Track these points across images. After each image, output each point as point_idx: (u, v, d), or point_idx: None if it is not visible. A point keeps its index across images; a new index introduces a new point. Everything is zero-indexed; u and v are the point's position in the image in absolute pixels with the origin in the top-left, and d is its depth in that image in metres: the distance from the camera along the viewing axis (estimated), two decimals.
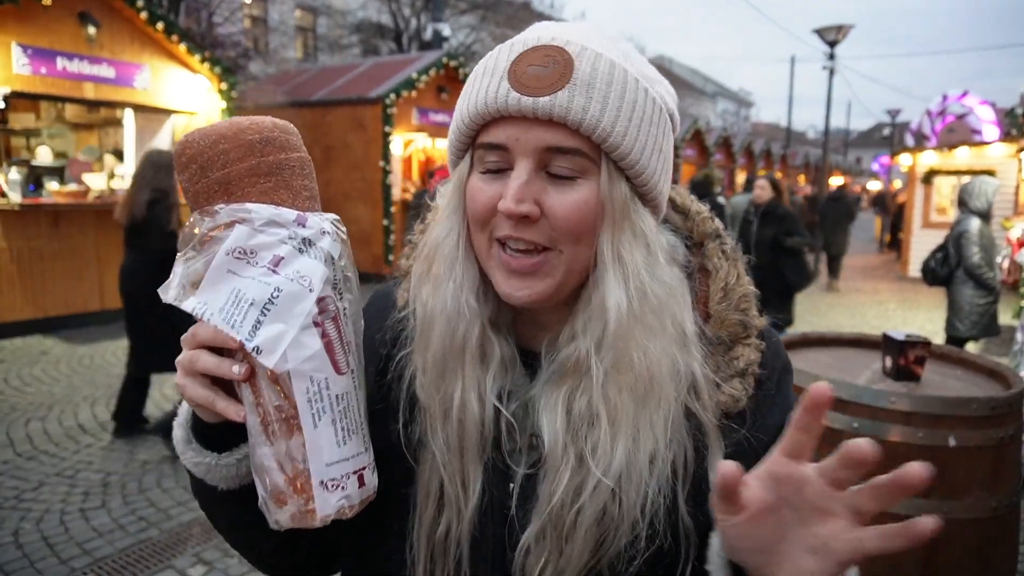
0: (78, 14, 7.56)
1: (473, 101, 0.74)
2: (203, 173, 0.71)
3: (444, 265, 0.80)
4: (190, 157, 0.72)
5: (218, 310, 0.66)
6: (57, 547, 3.43)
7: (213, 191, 0.71)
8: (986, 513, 2.24)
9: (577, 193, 0.73)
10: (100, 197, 8.15)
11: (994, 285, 5.23)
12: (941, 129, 17.24)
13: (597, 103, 0.71)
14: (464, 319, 0.78)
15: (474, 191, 0.77)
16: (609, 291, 0.74)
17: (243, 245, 0.68)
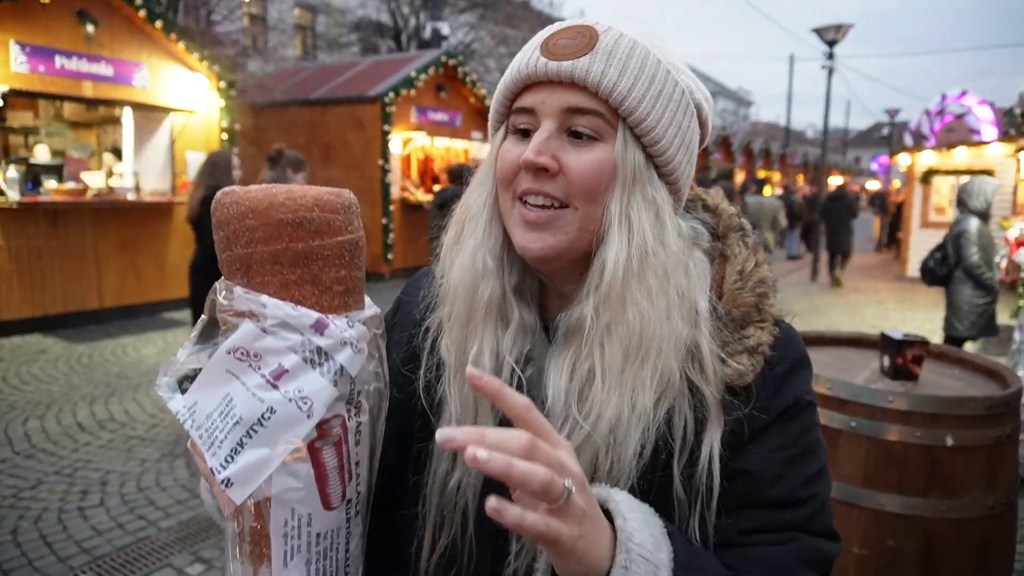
0: (76, 12, 7.55)
1: (511, 72, 0.81)
2: (228, 244, 0.65)
3: (471, 227, 0.86)
4: (220, 221, 0.65)
5: (204, 418, 0.60)
6: (55, 546, 3.43)
7: (235, 267, 0.64)
8: (983, 512, 2.24)
9: (593, 153, 0.77)
10: (98, 195, 8.14)
11: (993, 285, 5.24)
12: (940, 129, 17.25)
13: (615, 69, 0.76)
14: (485, 279, 0.83)
15: (503, 153, 0.82)
16: (610, 247, 0.78)
17: (247, 346, 0.61)
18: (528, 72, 0.79)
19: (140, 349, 7.15)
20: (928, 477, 2.23)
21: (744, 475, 0.78)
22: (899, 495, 2.24)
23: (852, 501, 2.30)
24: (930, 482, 2.23)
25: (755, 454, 0.78)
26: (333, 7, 22.41)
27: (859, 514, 2.29)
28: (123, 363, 6.63)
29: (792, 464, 0.79)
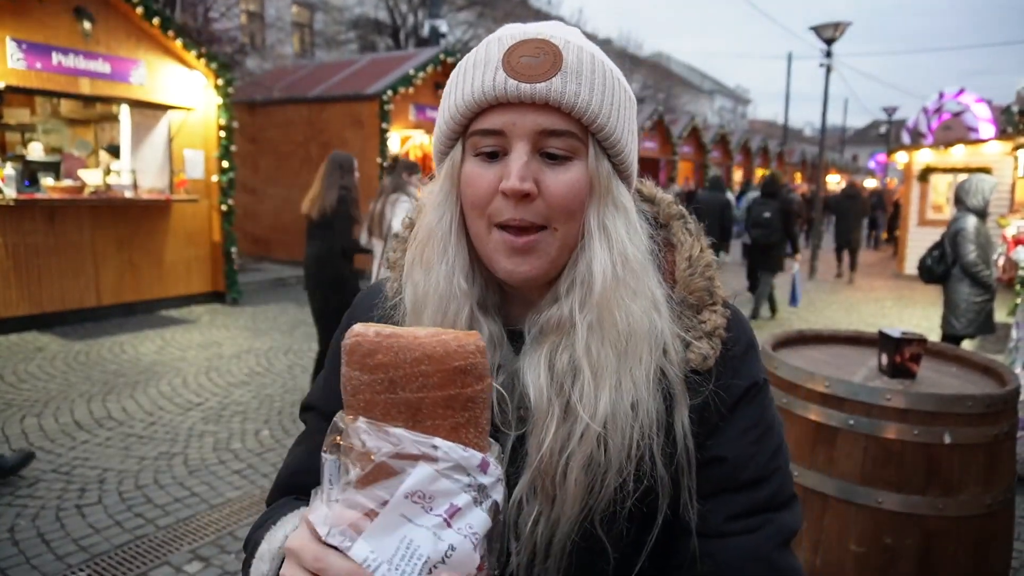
0: (73, 9, 7.52)
1: (469, 91, 0.79)
2: (391, 388, 0.64)
3: (437, 249, 0.84)
4: (380, 364, 0.65)
5: (387, 561, 0.60)
6: (53, 543, 3.42)
7: (396, 410, 0.64)
8: (981, 510, 2.25)
9: (570, 173, 0.79)
10: (96, 193, 8.12)
11: (990, 283, 5.25)
12: (937, 127, 17.25)
13: (586, 88, 0.78)
14: (455, 299, 0.83)
15: (472, 176, 0.81)
16: (595, 257, 0.81)
17: (424, 489, 0.61)
18: (496, 93, 0.77)
19: (138, 347, 7.14)
20: (926, 475, 2.23)
21: (720, 461, 0.83)
22: (897, 493, 2.25)
23: (850, 499, 2.30)
24: (928, 480, 2.23)
25: (727, 438, 0.83)
26: (331, 5, 22.37)
27: (857, 512, 2.29)
28: (121, 361, 6.62)
29: (759, 443, 0.85)
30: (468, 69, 0.81)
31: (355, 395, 0.65)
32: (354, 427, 0.63)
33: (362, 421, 0.63)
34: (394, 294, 0.91)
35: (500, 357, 0.86)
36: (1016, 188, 12.01)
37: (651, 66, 36.64)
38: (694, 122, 24.13)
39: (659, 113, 21.68)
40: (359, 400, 0.65)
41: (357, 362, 0.65)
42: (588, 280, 0.81)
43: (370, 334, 0.66)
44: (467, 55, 0.84)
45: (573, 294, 0.82)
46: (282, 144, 12.64)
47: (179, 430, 4.92)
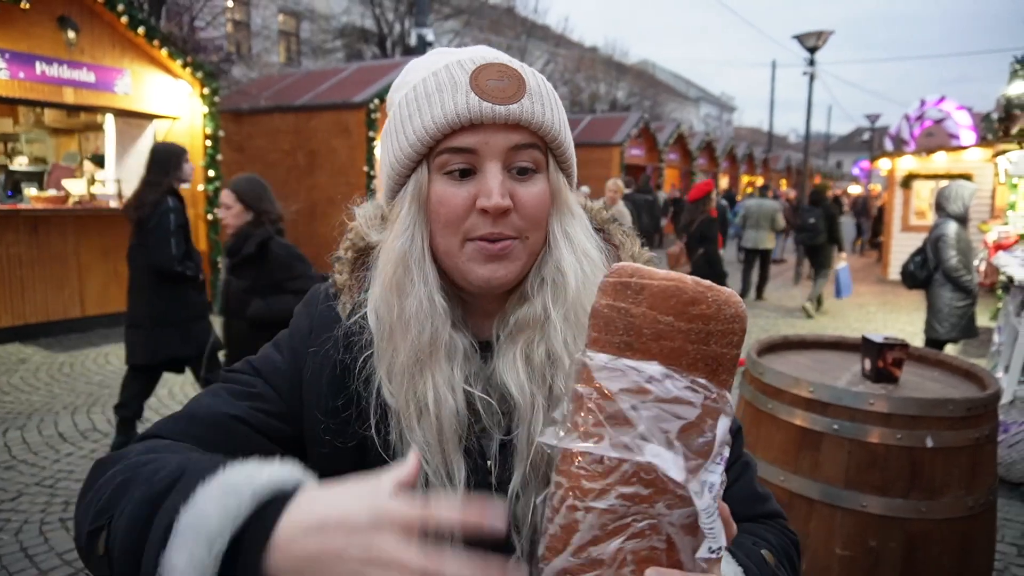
0: (57, 18, 7.48)
1: (440, 113, 0.81)
2: (705, 339, 0.64)
3: (414, 270, 0.85)
4: (701, 314, 0.64)
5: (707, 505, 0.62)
6: (36, 558, 3.38)
7: (702, 363, 0.64)
8: (964, 512, 2.28)
9: (537, 185, 0.85)
10: (80, 203, 8.06)
11: (972, 288, 5.32)
12: (919, 134, 17.49)
13: (548, 108, 0.85)
14: (439, 318, 0.85)
15: (445, 196, 0.83)
16: (563, 259, 0.87)
17: (726, 440, 0.63)
18: (471, 115, 0.80)
19: (122, 358, 7.07)
20: (909, 478, 2.26)
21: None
22: (881, 496, 2.27)
23: (835, 503, 2.33)
24: (911, 483, 2.26)
25: None
26: (317, 13, 22.38)
27: (842, 515, 2.32)
28: (105, 372, 6.56)
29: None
30: (431, 93, 0.83)
31: (658, 340, 0.63)
32: (657, 371, 0.62)
33: (652, 366, 0.63)
34: (349, 315, 0.92)
35: (474, 366, 0.89)
36: (996, 194, 12.18)
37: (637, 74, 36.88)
38: (680, 129, 24.30)
39: (645, 120, 21.83)
40: (663, 346, 0.63)
41: (674, 308, 0.63)
42: (560, 280, 0.86)
43: (690, 282, 0.64)
44: (419, 79, 0.85)
45: (544, 292, 0.87)
46: (269, 153, 12.60)
47: None
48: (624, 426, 0.61)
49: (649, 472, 0.61)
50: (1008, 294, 5.94)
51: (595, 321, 0.67)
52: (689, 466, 0.61)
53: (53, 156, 9.64)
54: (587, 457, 0.62)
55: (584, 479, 0.62)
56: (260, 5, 20.98)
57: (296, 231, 12.46)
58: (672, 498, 0.61)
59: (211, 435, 0.84)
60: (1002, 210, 10.87)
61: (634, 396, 0.62)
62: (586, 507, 0.61)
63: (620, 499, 0.61)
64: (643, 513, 0.61)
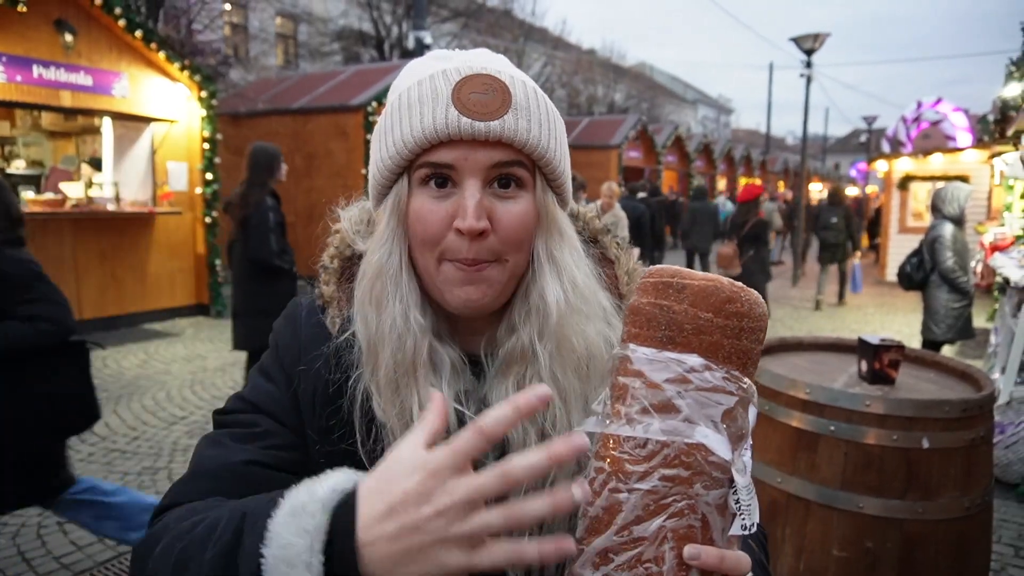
0: (54, 21, 7.48)
1: (418, 127, 0.78)
2: (738, 335, 0.69)
3: (389, 287, 0.83)
4: (737, 312, 0.69)
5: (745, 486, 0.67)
6: (34, 562, 3.38)
7: (736, 357, 0.69)
8: (960, 513, 2.28)
9: (519, 205, 0.81)
10: (77, 206, 8.05)
11: (968, 289, 5.33)
12: (916, 135, 17.54)
13: (535, 124, 0.80)
14: (413, 334, 0.82)
15: (422, 212, 0.80)
16: (547, 287, 0.83)
17: (751, 430, 0.69)
18: (449, 131, 0.77)
19: (120, 361, 7.07)
20: (905, 479, 2.27)
21: None
22: (877, 497, 2.28)
23: (831, 504, 2.33)
24: (907, 484, 2.27)
25: None
26: (315, 16, 22.41)
27: (838, 517, 2.32)
28: (103, 375, 6.55)
29: None
30: (412, 104, 0.79)
31: (698, 334, 0.68)
32: (697, 362, 0.67)
33: (692, 358, 0.67)
34: (339, 329, 0.89)
35: (465, 383, 0.86)
36: (993, 196, 12.21)
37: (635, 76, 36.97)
38: (678, 131, 24.35)
39: (643, 123, 21.87)
40: (702, 340, 0.68)
41: (714, 305, 0.68)
42: (543, 309, 0.83)
43: (726, 282, 0.70)
44: (404, 88, 0.82)
45: (530, 324, 0.84)
46: None
47: (163, 444, 4.88)
48: (670, 412, 0.66)
49: (689, 455, 0.65)
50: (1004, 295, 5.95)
51: (635, 317, 0.71)
52: (732, 447, 0.67)
53: (50, 159, 9.64)
54: (631, 442, 0.66)
55: (627, 463, 0.66)
56: (257, 8, 21.00)
57: (294, 234, 12.43)
58: (708, 479, 0.66)
59: (231, 487, 0.79)
60: (998, 211, 10.90)
61: (678, 385, 0.66)
62: (630, 488, 0.65)
63: (662, 480, 0.65)
64: (682, 494, 0.65)
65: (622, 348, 0.71)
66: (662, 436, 0.65)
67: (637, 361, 0.68)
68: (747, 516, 0.66)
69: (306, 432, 0.87)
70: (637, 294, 0.72)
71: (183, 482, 0.83)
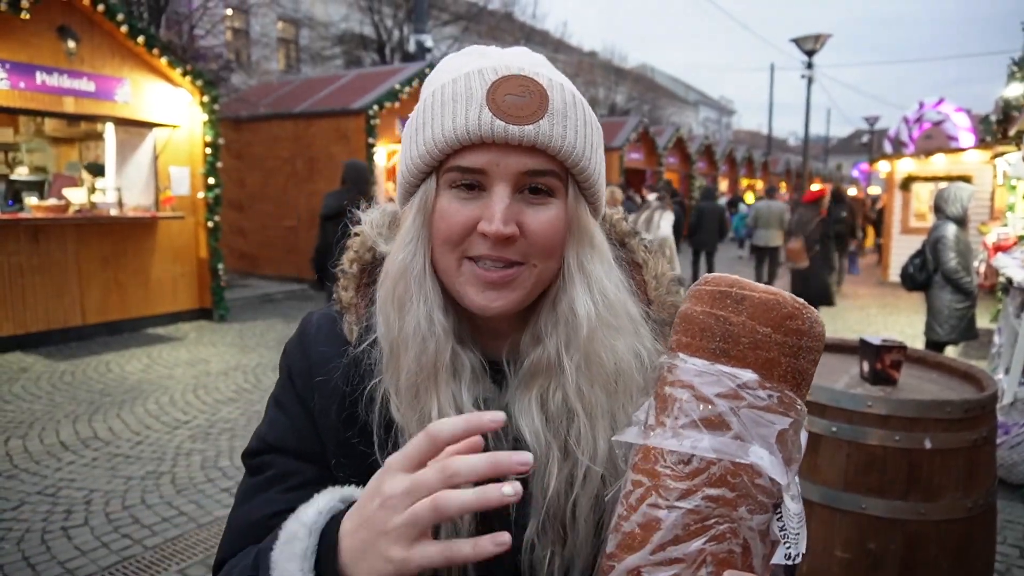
0: (57, 28, 7.51)
1: (450, 127, 0.75)
2: (796, 354, 0.65)
3: (413, 288, 0.80)
4: (798, 330, 0.65)
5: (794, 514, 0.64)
6: (39, 567, 3.39)
7: (791, 376, 0.65)
8: (963, 513, 2.28)
9: (550, 212, 0.78)
10: (81, 211, 8.08)
11: (971, 289, 5.32)
12: (918, 136, 17.51)
13: (571, 131, 0.77)
14: (436, 337, 0.80)
15: (447, 212, 0.78)
16: (577, 299, 0.80)
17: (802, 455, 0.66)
18: (481, 133, 0.74)
19: (124, 365, 7.09)
20: (908, 480, 2.26)
21: None
22: (880, 498, 2.27)
23: (834, 505, 2.33)
24: (910, 485, 2.26)
25: None
26: (316, 20, 22.46)
27: (841, 518, 2.32)
28: (106, 380, 6.57)
29: None
30: (446, 102, 0.76)
31: (755, 349, 0.64)
32: (752, 378, 0.63)
33: (744, 373, 0.64)
34: (358, 337, 0.86)
35: (485, 390, 0.84)
36: (996, 196, 12.19)
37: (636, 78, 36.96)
38: (679, 133, 24.34)
39: (644, 124, 21.87)
40: (758, 355, 0.64)
41: (774, 320, 0.65)
42: (572, 322, 0.80)
43: (788, 297, 0.66)
44: (438, 84, 0.80)
45: (557, 335, 0.81)
46: (268, 160, 12.64)
47: (166, 449, 4.89)
48: (720, 429, 0.62)
49: (736, 476, 0.61)
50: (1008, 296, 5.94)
51: (687, 326, 0.67)
52: (787, 470, 0.63)
53: (53, 165, 9.66)
54: (674, 456, 0.63)
55: (669, 479, 0.62)
56: (259, 13, 21.04)
57: (296, 237, 12.52)
58: (753, 503, 0.62)
59: (260, 539, 0.80)
60: (1001, 212, 10.87)
61: (729, 400, 0.63)
62: (670, 506, 0.62)
63: (706, 500, 0.61)
64: (725, 516, 0.61)
65: (670, 356, 0.67)
66: (711, 454, 0.61)
67: (686, 372, 0.65)
68: (794, 545, 0.62)
69: (327, 450, 0.86)
70: (690, 301, 0.68)
71: (225, 541, 0.87)
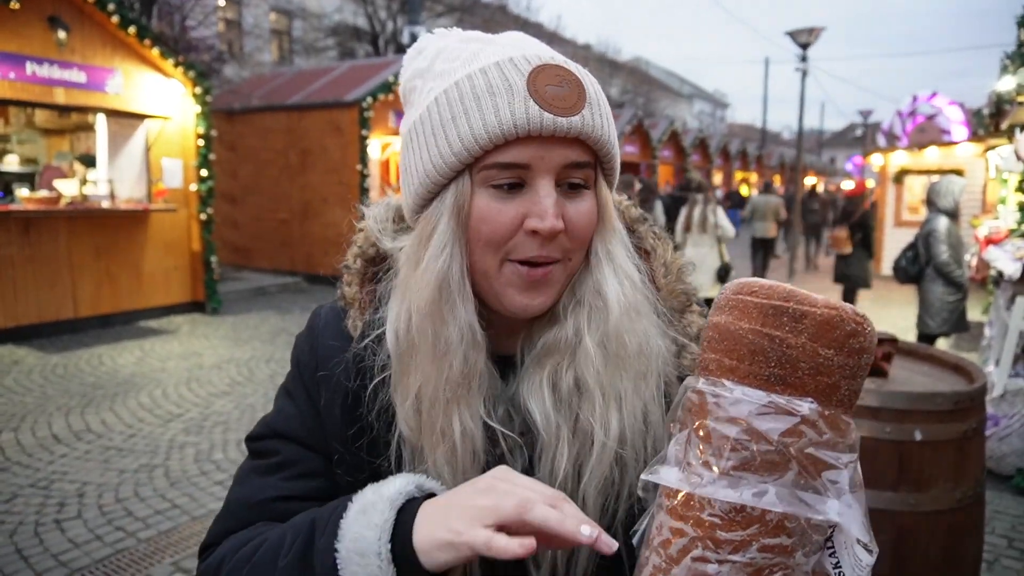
0: (47, 18, 7.44)
1: (494, 121, 0.71)
2: (855, 375, 0.58)
3: (454, 296, 0.76)
4: (860, 348, 0.57)
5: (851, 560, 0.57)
6: (31, 559, 3.38)
7: (849, 399, 0.58)
8: (952, 504, 2.30)
9: (587, 203, 0.78)
10: (72, 203, 8.03)
11: (962, 282, 5.36)
12: (911, 129, 17.56)
13: (605, 120, 0.76)
14: (478, 348, 0.78)
15: (489, 213, 0.74)
16: (605, 282, 0.80)
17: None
18: (530, 127, 0.70)
19: (116, 358, 7.07)
20: (898, 471, 2.28)
21: None
22: (870, 490, 2.29)
23: None
24: (900, 476, 2.28)
25: None
26: (309, 11, 22.30)
27: None
28: (99, 373, 6.55)
29: None
30: (481, 95, 0.72)
31: (815, 375, 0.56)
32: (813, 408, 0.56)
33: (807, 405, 0.56)
34: (361, 334, 0.84)
35: (491, 388, 0.82)
36: (988, 189, 12.24)
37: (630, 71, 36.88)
38: (673, 126, 24.33)
39: (639, 117, 21.84)
40: (819, 382, 0.56)
41: (837, 340, 0.56)
42: (599, 304, 0.79)
43: (848, 311, 0.57)
44: (463, 76, 0.74)
45: (579, 314, 0.80)
46: (261, 152, 12.58)
47: (159, 442, 4.88)
48: (780, 472, 0.54)
49: (793, 520, 0.54)
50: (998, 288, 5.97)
51: (732, 345, 0.59)
52: (865, 527, 0.57)
53: (44, 157, 9.59)
54: (724, 504, 0.55)
55: (720, 529, 0.55)
56: (252, 4, 20.91)
57: (289, 230, 12.49)
58: (809, 546, 0.56)
59: (262, 520, 0.82)
60: (993, 205, 10.92)
61: (790, 438, 0.54)
62: (720, 560, 0.55)
63: (762, 551, 0.54)
64: (782, 565, 0.55)
65: (710, 382, 0.59)
66: (778, 507, 0.53)
67: (736, 403, 0.56)
68: None
69: (330, 444, 0.85)
70: (731, 314, 0.60)
71: (221, 519, 0.86)
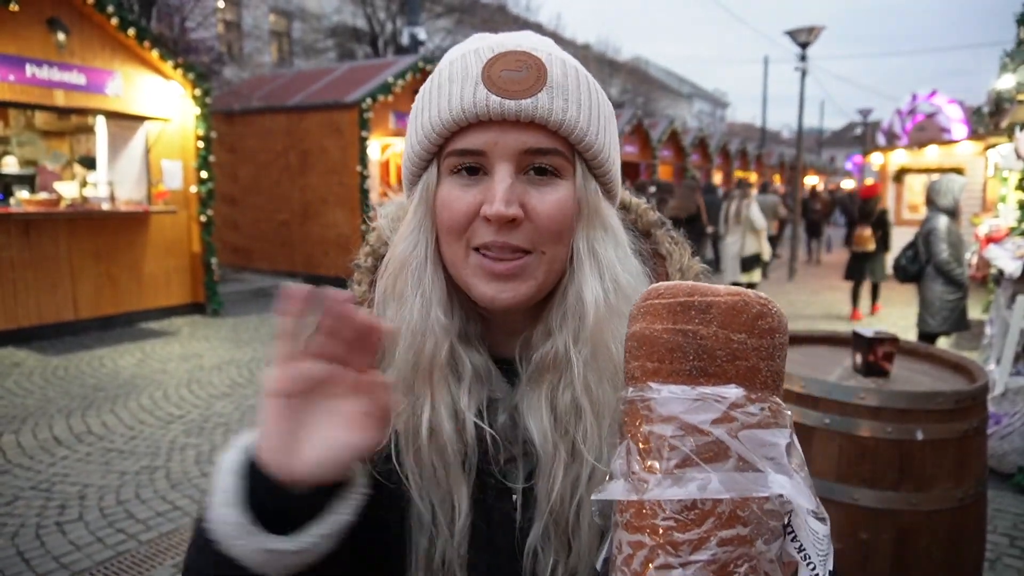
0: (47, 20, 7.45)
1: (446, 108, 0.72)
2: (770, 355, 0.58)
3: (411, 280, 0.77)
4: (769, 329, 0.58)
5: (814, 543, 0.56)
6: (33, 562, 3.38)
7: (771, 379, 0.58)
8: (954, 504, 2.30)
9: (557, 192, 0.74)
10: (72, 205, 8.03)
11: (963, 281, 5.35)
12: (911, 128, 17.56)
13: (573, 104, 0.72)
14: (433, 335, 0.76)
15: (449, 199, 0.74)
16: (586, 285, 0.76)
17: None
18: (476, 111, 0.70)
19: (117, 360, 7.07)
20: (899, 471, 2.28)
21: None
22: (872, 489, 2.29)
23: (826, 496, 2.34)
24: (901, 476, 2.28)
25: None
26: (309, 13, 22.31)
27: (833, 509, 2.33)
28: (100, 375, 6.55)
29: None
30: (443, 84, 0.74)
31: (733, 361, 0.56)
32: (738, 393, 0.55)
33: (730, 390, 0.56)
34: None
35: (495, 391, 0.80)
36: (988, 187, 12.23)
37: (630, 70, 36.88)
38: (673, 126, 24.31)
39: (638, 117, 21.82)
40: (738, 367, 0.56)
41: (746, 324, 0.57)
42: (579, 311, 0.76)
43: (751, 295, 0.58)
44: (438, 68, 0.77)
45: (566, 328, 0.76)
46: (261, 153, 12.58)
47: (160, 444, 4.88)
48: (721, 460, 0.54)
49: (745, 508, 0.54)
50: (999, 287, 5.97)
51: (650, 349, 0.58)
52: (810, 493, 0.56)
53: (44, 159, 9.59)
54: (675, 504, 0.54)
55: (675, 531, 0.54)
56: (251, 5, 20.91)
57: (289, 231, 12.49)
58: (767, 532, 0.55)
59: None
60: (993, 203, 10.92)
61: (723, 425, 0.54)
62: (683, 562, 0.53)
63: (721, 546, 0.53)
64: (744, 555, 0.54)
65: (638, 389, 0.58)
66: (725, 494, 0.53)
67: (665, 403, 0.56)
68: (821, 566, 0.55)
69: None
70: (644, 320, 0.59)
71: None
